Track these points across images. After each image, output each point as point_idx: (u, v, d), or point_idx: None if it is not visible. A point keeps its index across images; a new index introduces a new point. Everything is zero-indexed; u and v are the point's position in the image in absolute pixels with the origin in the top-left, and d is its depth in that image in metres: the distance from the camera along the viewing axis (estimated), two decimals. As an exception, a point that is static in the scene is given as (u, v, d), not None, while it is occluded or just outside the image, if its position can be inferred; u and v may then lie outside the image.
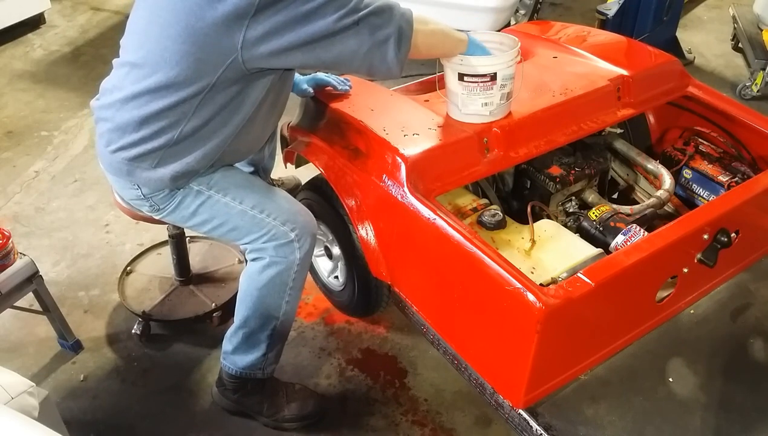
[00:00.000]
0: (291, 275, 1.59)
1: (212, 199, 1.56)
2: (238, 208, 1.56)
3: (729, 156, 1.91)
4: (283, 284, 1.59)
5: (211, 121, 1.47)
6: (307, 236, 1.58)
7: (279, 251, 1.56)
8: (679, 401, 1.53)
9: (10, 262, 1.73)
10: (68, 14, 4.45)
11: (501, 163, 1.64)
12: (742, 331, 1.70)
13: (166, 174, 1.50)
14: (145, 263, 2.24)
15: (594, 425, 1.45)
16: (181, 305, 2.06)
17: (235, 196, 1.57)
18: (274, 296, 1.60)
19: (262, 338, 1.65)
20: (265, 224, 1.55)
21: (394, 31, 1.40)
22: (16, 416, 1.11)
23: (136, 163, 1.50)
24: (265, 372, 1.71)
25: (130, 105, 1.46)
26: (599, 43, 2.11)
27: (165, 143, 1.47)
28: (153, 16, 1.42)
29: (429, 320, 1.65)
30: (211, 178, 1.57)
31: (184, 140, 1.48)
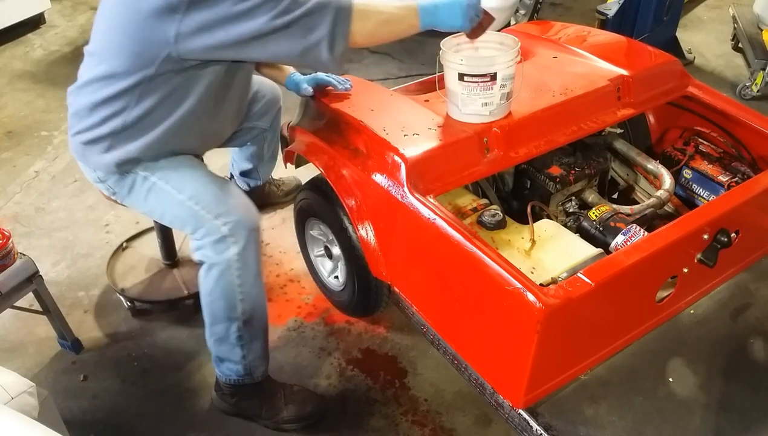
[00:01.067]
0: (234, 273, 1.55)
1: (156, 186, 1.60)
2: (177, 198, 1.58)
3: (729, 156, 1.91)
4: (229, 285, 1.56)
5: (153, 111, 1.52)
6: (242, 231, 1.53)
7: (215, 248, 1.54)
8: (679, 401, 1.53)
9: (10, 262, 1.73)
10: (68, 14, 4.45)
11: (501, 163, 1.64)
12: (743, 331, 1.70)
13: (112, 160, 1.57)
14: (142, 242, 2.30)
15: (594, 425, 1.45)
16: (159, 287, 2.12)
17: (176, 185, 1.59)
18: (225, 299, 1.58)
19: (231, 342, 1.63)
20: (200, 217, 1.55)
21: (326, 34, 1.41)
22: (16, 416, 1.11)
23: (89, 147, 1.59)
24: (255, 376, 1.69)
25: (84, 91, 1.55)
26: (599, 43, 2.11)
27: (112, 130, 1.54)
28: (105, 8, 1.51)
29: (429, 320, 1.65)
30: (156, 165, 1.60)
31: (129, 128, 1.54)
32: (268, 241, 2.43)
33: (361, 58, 3.79)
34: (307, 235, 2.09)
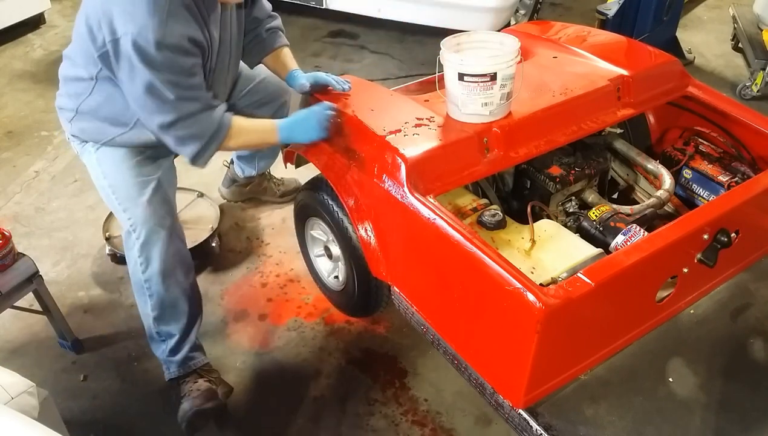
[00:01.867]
0: (138, 267, 1.67)
1: (92, 163, 1.76)
2: (102, 183, 1.74)
3: (729, 156, 1.91)
4: (138, 279, 1.68)
5: (104, 104, 1.66)
6: (142, 229, 1.64)
7: (126, 242, 1.69)
8: (679, 401, 1.53)
9: (10, 262, 1.73)
10: (68, 14, 4.45)
11: (501, 163, 1.64)
12: (742, 331, 1.70)
13: (72, 129, 1.76)
14: None
15: (594, 425, 1.45)
16: None
17: (104, 170, 1.73)
18: (138, 293, 1.71)
19: (153, 337, 1.76)
20: (114, 206, 1.72)
21: (197, 149, 1.59)
22: (16, 416, 1.11)
23: (61, 112, 1.79)
24: (170, 371, 1.78)
25: (65, 63, 1.74)
26: (599, 43, 2.11)
27: (74, 107, 1.71)
28: None
29: (429, 320, 1.65)
30: (104, 144, 1.73)
31: (84, 113, 1.70)
32: (268, 241, 2.43)
33: (361, 58, 3.80)
34: (307, 235, 2.09)
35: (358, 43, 3.96)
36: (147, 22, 1.42)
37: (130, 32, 1.43)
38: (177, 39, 1.46)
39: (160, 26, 1.43)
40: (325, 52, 3.87)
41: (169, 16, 1.45)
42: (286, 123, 1.71)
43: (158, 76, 1.47)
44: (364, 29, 4.05)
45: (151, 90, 1.48)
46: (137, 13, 1.43)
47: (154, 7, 1.44)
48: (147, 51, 1.44)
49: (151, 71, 1.46)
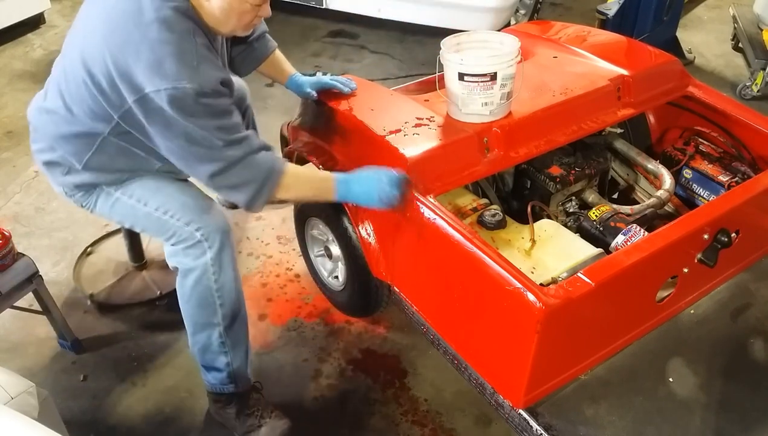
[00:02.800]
0: (211, 278, 1.55)
1: (120, 201, 1.60)
2: (143, 211, 1.58)
3: (729, 156, 1.91)
4: (207, 290, 1.55)
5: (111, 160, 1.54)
6: (215, 234, 1.54)
7: (189, 254, 1.54)
8: (680, 401, 1.53)
9: (9, 262, 1.73)
10: (68, 14, 4.45)
11: (501, 163, 1.64)
12: (743, 331, 1.70)
13: (72, 181, 1.59)
14: (107, 245, 2.30)
15: (594, 425, 1.45)
16: (129, 289, 2.12)
17: (140, 198, 1.59)
18: (204, 305, 1.57)
19: (215, 350, 1.62)
20: (170, 225, 1.55)
21: (249, 196, 1.46)
22: (16, 416, 1.11)
23: (49, 168, 1.60)
24: (239, 385, 1.68)
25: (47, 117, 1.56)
26: (599, 43, 2.11)
27: (69, 165, 1.56)
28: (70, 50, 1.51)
29: (429, 320, 1.65)
30: (125, 181, 1.60)
31: (86, 169, 1.56)
32: (268, 241, 2.43)
33: (361, 58, 3.80)
34: (307, 235, 2.09)
35: (358, 43, 3.96)
36: (180, 73, 1.31)
37: (163, 88, 1.30)
38: (213, 83, 1.36)
39: (194, 75, 1.32)
40: (325, 52, 3.87)
41: (199, 61, 1.34)
42: (346, 180, 1.53)
43: (201, 125, 1.35)
44: (364, 29, 4.05)
45: (195, 141, 1.36)
46: (166, 65, 1.30)
47: (182, 56, 1.32)
48: (186, 103, 1.32)
49: (192, 122, 1.34)
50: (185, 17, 1.36)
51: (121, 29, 1.34)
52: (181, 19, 1.35)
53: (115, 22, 1.35)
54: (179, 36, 1.33)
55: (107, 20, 1.37)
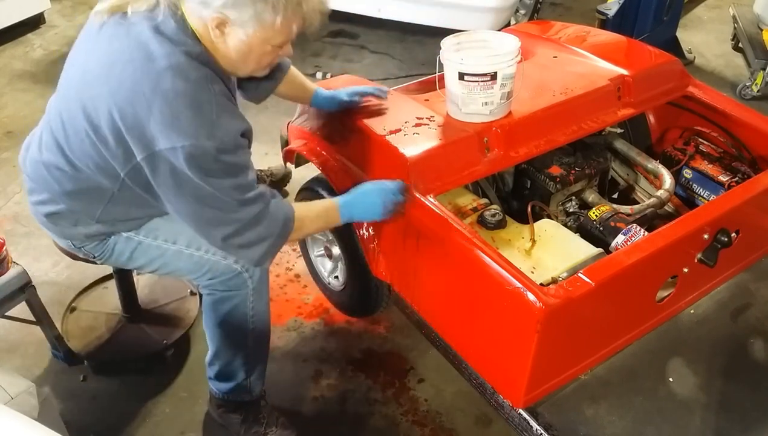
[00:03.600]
0: (248, 305, 1.51)
1: (143, 244, 1.47)
2: (173, 250, 1.46)
3: (729, 156, 1.91)
4: (242, 317, 1.52)
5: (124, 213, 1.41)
6: (263, 262, 1.42)
7: (228, 284, 1.48)
8: (680, 401, 1.53)
9: (3, 270, 1.70)
10: (68, 14, 4.45)
11: (501, 162, 1.64)
12: (743, 331, 1.70)
13: (84, 232, 1.44)
14: (90, 299, 2.09)
15: (594, 425, 1.45)
16: (130, 343, 1.93)
17: (167, 238, 1.46)
18: (237, 327, 1.54)
19: (237, 365, 1.60)
20: (205, 261, 1.45)
21: (260, 253, 1.34)
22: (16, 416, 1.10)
23: (54, 219, 1.43)
24: (253, 394, 1.68)
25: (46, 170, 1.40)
26: (599, 43, 2.11)
27: (77, 217, 1.42)
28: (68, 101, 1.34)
29: (429, 320, 1.65)
30: (145, 223, 1.47)
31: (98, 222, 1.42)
32: (268, 241, 2.42)
33: (361, 58, 3.80)
34: (307, 235, 2.09)
35: (358, 43, 3.96)
36: (199, 128, 1.17)
37: (180, 145, 1.16)
38: (233, 137, 1.22)
39: (214, 129, 1.18)
40: (325, 51, 3.87)
41: (219, 114, 1.20)
42: (347, 203, 1.47)
43: (216, 185, 1.21)
44: (364, 29, 4.05)
45: (208, 202, 1.23)
46: (182, 120, 1.16)
47: (199, 108, 1.17)
48: (204, 161, 1.18)
49: (207, 181, 1.20)
50: (199, 63, 1.21)
51: (130, 79, 1.18)
52: (196, 66, 1.20)
53: (122, 71, 1.19)
54: (195, 85, 1.18)
55: (111, 67, 1.20)
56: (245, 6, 1.17)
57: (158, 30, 1.20)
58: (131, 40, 1.20)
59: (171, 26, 1.20)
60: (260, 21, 1.19)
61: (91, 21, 1.30)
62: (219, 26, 1.20)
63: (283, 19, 1.20)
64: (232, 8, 1.17)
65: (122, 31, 1.22)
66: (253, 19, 1.18)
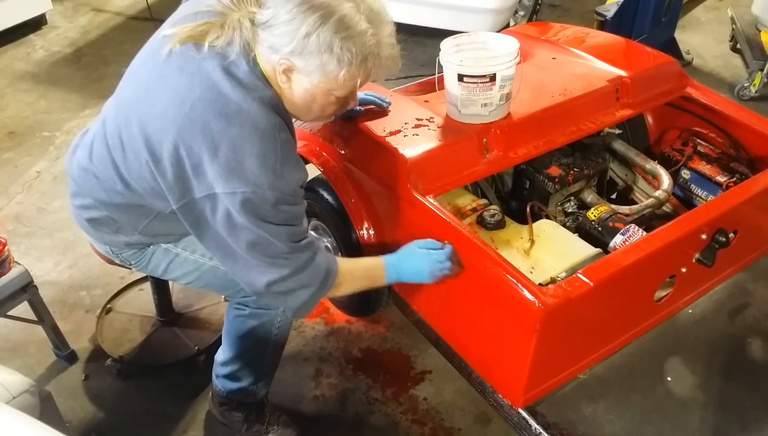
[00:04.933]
0: (275, 324, 1.53)
1: (180, 256, 1.47)
2: (209, 265, 1.47)
3: (727, 156, 1.92)
4: (267, 332, 1.53)
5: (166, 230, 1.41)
6: (299, 312, 1.39)
7: (260, 303, 1.48)
8: (678, 400, 1.54)
9: (5, 270, 1.72)
10: (70, 15, 4.46)
11: (500, 163, 1.64)
12: (740, 330, 1.71)
13: (124, 240, 1.45)
14: (125, 301, 2.10)
15: (593, 424, 1.46)
16: (162, 348, 1.94)
17: (204, 253, 1.45)
18: (258, 342, 1.55)
19: (249, 372, 1.62)
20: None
21: (301, 301, 1.32)
22: (17, 415, 1.11)
23: (94, 224, 1.43)
24: (257, 397, 1.68)
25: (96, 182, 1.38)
26: (598, 45, 2.12)
27: (118, 227, 1.42)
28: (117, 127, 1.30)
29: (429, 320, 1.66)
30: (184, 235, 1.46)
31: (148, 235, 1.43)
32: (268, 241, 2.43)
33: (361, 59, 3.80)
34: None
35: (358, 44, 3.96)
36: (261, 177, 1.15)
37: (240, 190, 1.15)
38: (294, 187, 1.21)
39: (276, 180, 1.17)
40: (325, 53, 3.87)
41: (283, 164, 1.18)
42: (395, 265, 1.43)
43: (271, 231, 1.20)
44: (364, 30, 4.05)
45: (259, 248, 1.21)
46: (246, 167, 1.15)
47: (265, 157, 1.16)
48: (261, 208, 1.17)
49: (262, 227, 1.19)
50: (271, 110, 1.20)
51: (200, 119, 1.16)
52: (268, 114, 1.19)
53: (192, 109, 1.17)
54: (264, 134, 1.17)
55: (181, 104, 1.18)
56: (311, 56, 1.16)
57: (229, 71, 1.18)
58: (202, 78, 1.18)
59: (243, 68, 1.19)
60: (324, 72, 1.19)
61: (158, 42, 1.26)
62: (285, 72, 1.19)
63: (347, 74, 1.19)
64: (299, 56, 1.17)
65: (193, 67, 1.19)
66: (318, 69, 1.18)
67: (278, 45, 1.16)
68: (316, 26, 1.14)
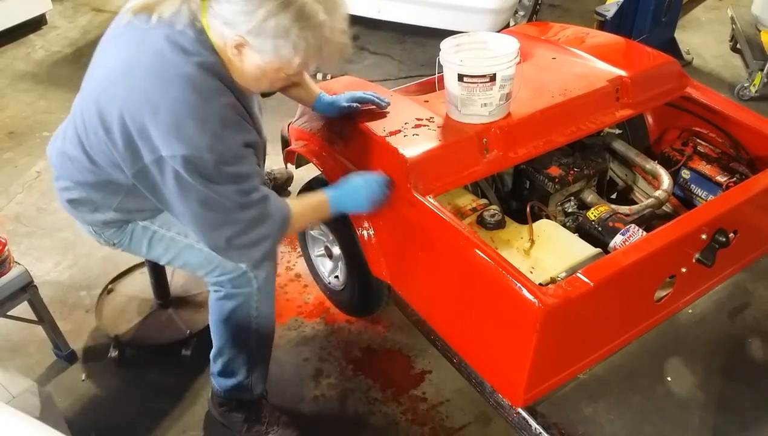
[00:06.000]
0: (253, 305, 1.54)
1: (158, 234, 1.52)
2: (184, 242, 1.51)
3: (727, 156, 1.92)
4: (246, 317, 1.54)
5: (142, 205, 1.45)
6: (263, 262, 1.49)
7: (234, 283, 1.50)
8: (678, 400, 1.54)
9: (5, 270, 1.72)
10: (69, 15, 4.46)
11: (500, 163, 1.64)
12: (740, 330, 1.71)
13: (102, 218, 1.49)
14: (126, 282, 2.13)
15: (593, 424, 1.46)
16: (157, 330, 1.97)
17: (180, 230, 1.50)
18: (240, 326, 1.56)
19: (240, 363, 1.62)
20: (213, 257, 1.46)
21: (262, 253, 1.38)
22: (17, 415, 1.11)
23: (74, 205, 1.50)
24: (254, 393, 1.69)
25: (68, 161, 1.45)
26: (598, 45, 2.12)
27: (95, 205, 1.47)
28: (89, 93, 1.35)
29: (429, 320, 1.66)
30: (159, 213, 1.51)
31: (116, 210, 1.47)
32: (268, 241, 2.43)
33: (361, 59, 3.81)
34: (308, 235, 2.10)
35: (358, 44, 3.97)
36: (200, 140, 1.19)
37: (180, 154, 1.19)
38: (235, 149, 1.25)
39: (215, 142, 1.21)
40: (325, 53, 3.87)
41: (222, 127, 1.22)
42: (336, 196, 1.51)
43: (218, 190, 1.25)
44: (364, 30, 4.06)
45: (211, 205, 1.26)
46: (185, 130, 1.19)
47: (203, 121, 1.20)
48: (204, 169, 1.22)
49: (208, 187, 1.24)
50: (211, 75, 1.23)
51: (142, 85, 1.21)
52: (206, 78, 1.22)
53: (136, 77, 1.22)
54: (202, 97, 1.21)
55: (128, 73, 1.23)
56: (267, 38, 1.19)
57: (173, 39, 1.22)
58: (147, 47, 1.23)
59: (188, 36, 1.22)
60: (278, 55, 1.22)
61: (118, 18, 1.33)
62: (238, 47, 1.22)
63: (301, 60, 1.24)
64: (254, 36, 1.19)
65: (139, 37, 1.24)
66: (272, 51, 1.21)
67: (234, 22, 1.19)
68: (275, 11, 1.16)
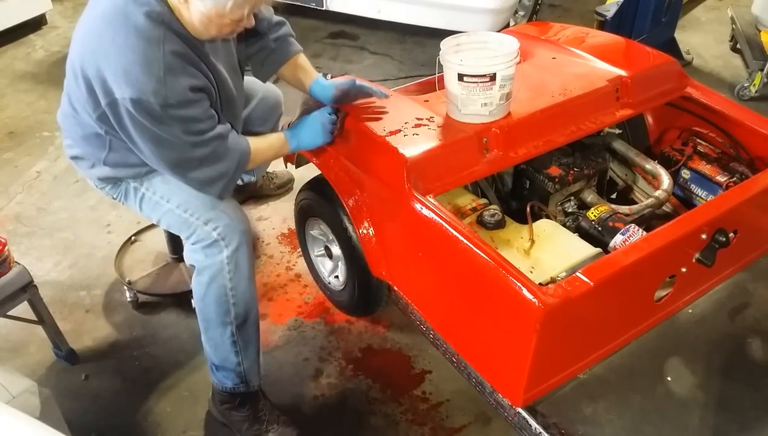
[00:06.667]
0: (225, 277, 1.56)
1: (145, 196, 1.66)
2: (166, 207, 1.63)
3: (727, 156, 1.92)
4: (221, 288, 1.57)
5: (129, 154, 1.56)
6: (233, 234, 1.55)
7: (206, 252, 1.57)
8: (678, 400, 1.54)
9: (5, 270, 1.72)
10: (69, 15, 4.46)
11: (500, 163, 1.64)
12: (740, 330, 1.71)
13: (99, 174, 1.65)
14: (150, 235, 2.34)
15: (593, 424, 1.46)
16: (165, 281, 2.16)
17: (163, 195, 1.63)
18: (218, 303, 1.58)
19: (226, 348, 1.63)
20: (190, 223, 1.59)
21: (220, 188, 1.54)
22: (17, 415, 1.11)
23: (77, 162, 1.68)
24: (250, 384, 1.68)
25: (69, 118, 1.61)
26: (598, 44, 2.12)
27: (93, 159, 1.63)
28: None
29: (429, 319, 1.66)
30: (145, 176, 1.64)
31: (106, 165, 1.62)
32: (268, 241, 2.44)
33: (361, 59, 3.81)
34: (308, 235, 2.10)
35: (358, 44, 3.97)
36: (145, 84, 1.32)
37: (128, 96, 1.33)
38: (180, 94, 1.36)
39: (159, 87, 1.32)
40: (326, 53, 3.88)
41: (166, 72, 1.33)
42: (293, 132, 1.68)
43: (168, 130, 1.38)
44: (364, 30, 4.06)
45: (164, 143, 1.41)
46: (132, 74, 1.32)
47: (148, 66, 1.32)
48: (152, 111, 1.34)
49: (159, 127, 1.37)
50: (156, 23, 1.34)
51: (96, 32, 1.37)
52: (152, 26, 1.34)
53: (92, 26, 1.39)
54: (146, 44, 1.33)
55: (93, 25, 1.39)
56: None
57: None
58: (109, 2, 1.37)
59: None
60: (215, 2, 1.34)
61: None
62: None
63: (234, 5, 1.35)
64: None
65: None
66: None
67: None
68: None
